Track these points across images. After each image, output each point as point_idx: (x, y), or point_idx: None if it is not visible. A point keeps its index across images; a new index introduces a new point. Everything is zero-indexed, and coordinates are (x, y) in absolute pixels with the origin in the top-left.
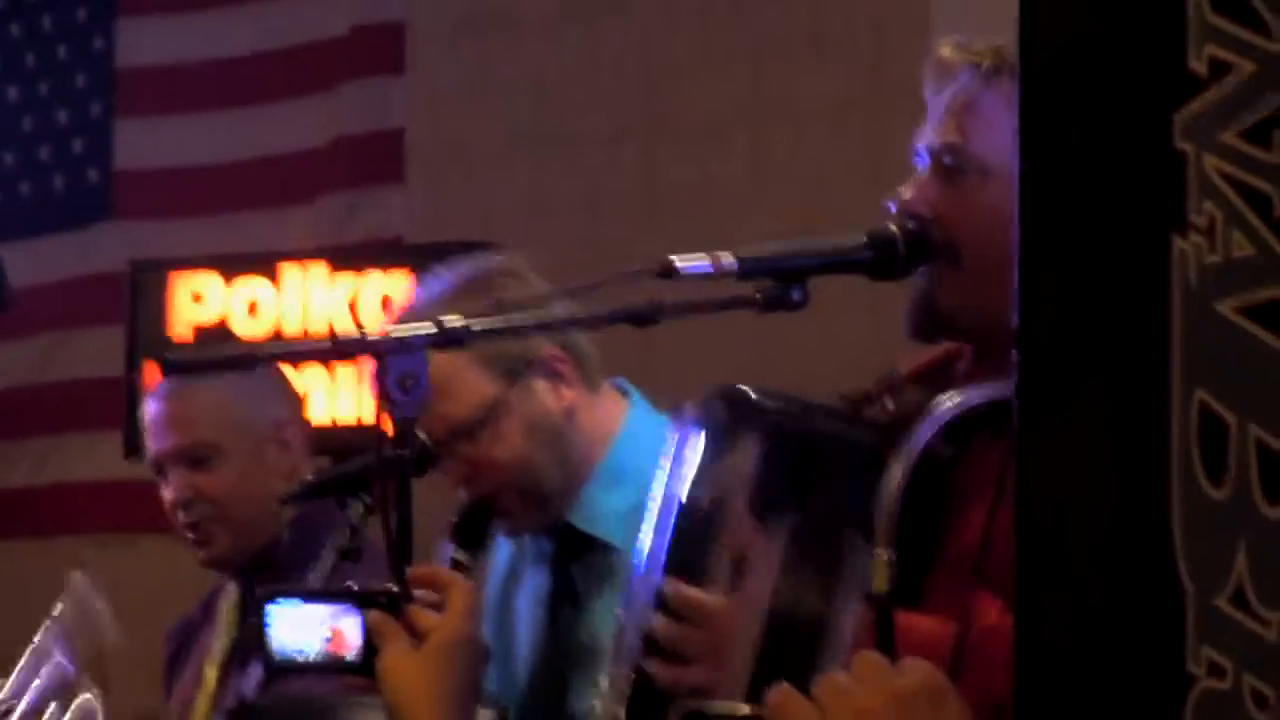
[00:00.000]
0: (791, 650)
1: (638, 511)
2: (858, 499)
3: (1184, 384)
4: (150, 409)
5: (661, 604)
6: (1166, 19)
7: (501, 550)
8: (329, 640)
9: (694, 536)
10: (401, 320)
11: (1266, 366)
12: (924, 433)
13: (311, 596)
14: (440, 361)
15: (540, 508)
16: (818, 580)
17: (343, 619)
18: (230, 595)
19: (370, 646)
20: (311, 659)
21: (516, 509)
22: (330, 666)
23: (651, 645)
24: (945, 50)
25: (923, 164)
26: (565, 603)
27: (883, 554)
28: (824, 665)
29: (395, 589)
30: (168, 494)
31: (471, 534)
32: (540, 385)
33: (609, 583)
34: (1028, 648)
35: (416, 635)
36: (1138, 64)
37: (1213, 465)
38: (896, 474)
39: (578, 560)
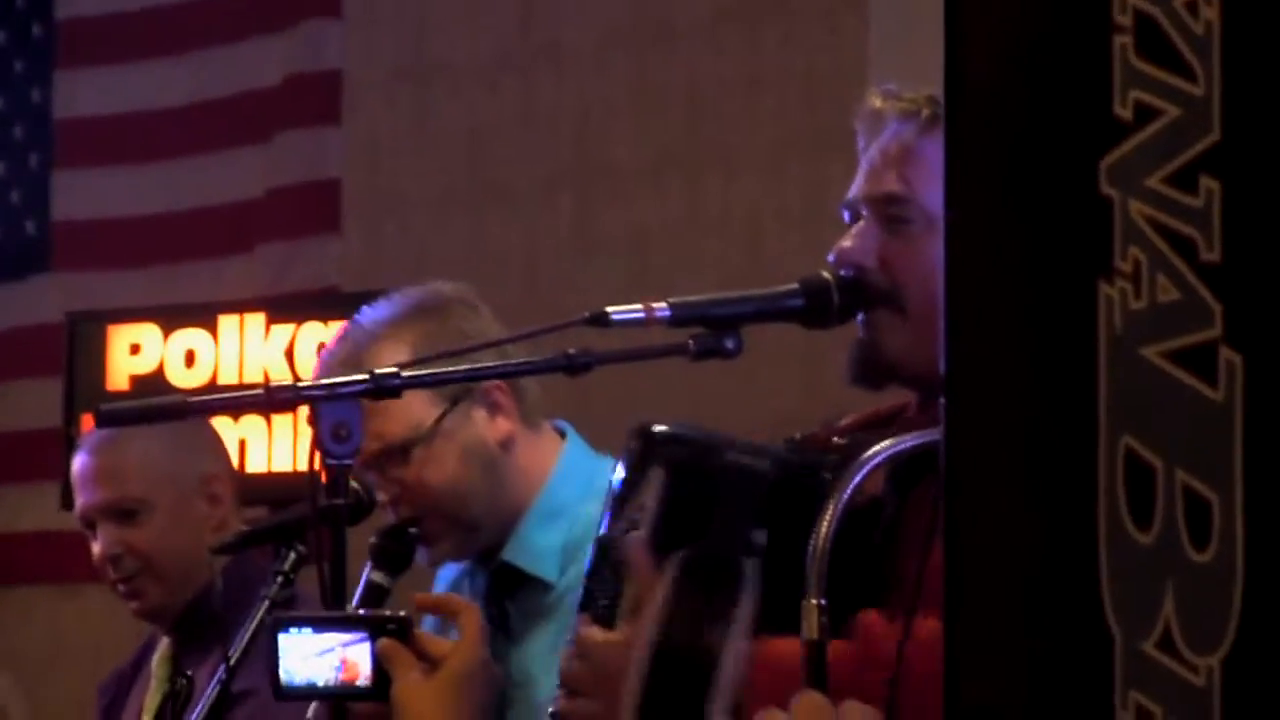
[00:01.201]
0: (677, 680)
1: (571, 548)
2: (757, 528)
3: (1110, 430)
4: (77, 463)
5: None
6: (1092, 65)
7: (440, 581)
8: (340, 669)
9: (606, 572)
10: (345, 341)
11: (1193, 411)
12: (853, 480)
13: (321, 624)
14: None
15: (466, 536)
16: (707, 610)
17: (353, 648)
18: (162, 648)
19: (381, 673)
20: (322, 687)
21: (441, 535)
22: (343, 694)
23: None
24: (877, 100)
25: (851, 217)
26: (499, 640)
27: (814, 602)
28: (712, 695)
29: (404, 615)
30: (96, 548)
31: (391, 557)
32: (478, 414)
33: (543, 619)
34: (955, 693)
35: (429, 662)
36: (1063, 110)
37: (1139, 510)
38: (826, 522)
39: (512, 598)
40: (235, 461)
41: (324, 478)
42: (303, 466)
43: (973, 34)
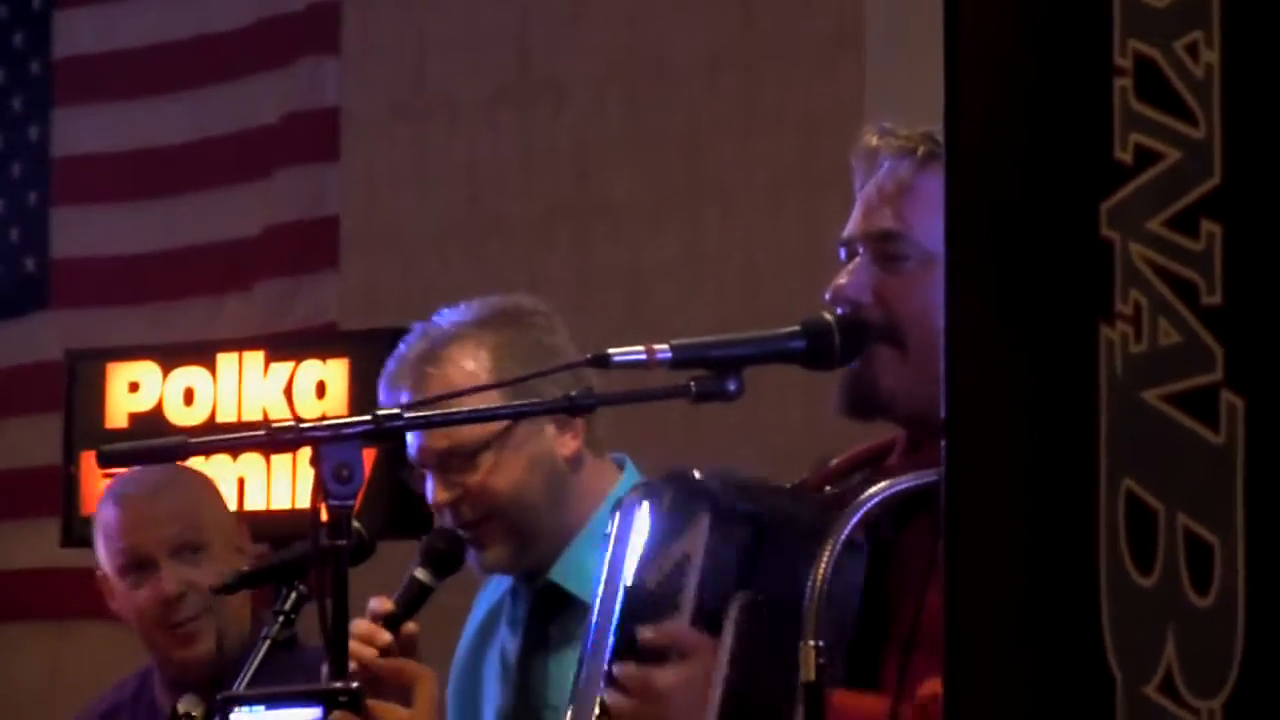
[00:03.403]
0: None
1: None
2: (806, 574)
3: (1111, 473)
4: (127, 505)
5: (612, 683)
6: (1093, 108)
7: (480, 605)
8: None
9: (642, 618)
10: (422, 339)
11: (1194, 455)
12: (849, 522)
13: (274, 701)
14: (457, 377)
15: (521, 547)
16: (774, 654)
17: None
18: (188, 703)
19: None
20: None
21: (497, 542)
22: None
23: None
24: (872, 138)
25: (848, 254)
26: (539, 660)
27: (810, 644)
28: None
29: (357, 686)
30: (152, 590)
31: (440, 558)
32: (549, 428)
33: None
34: None
35: None
36: (1064, 153)
37: (1141, 554)
38: (822, 565)
39: (554, 619)
40: (234, 500)
41: (325, 518)
42: (302, 504)
43: (972, 76)
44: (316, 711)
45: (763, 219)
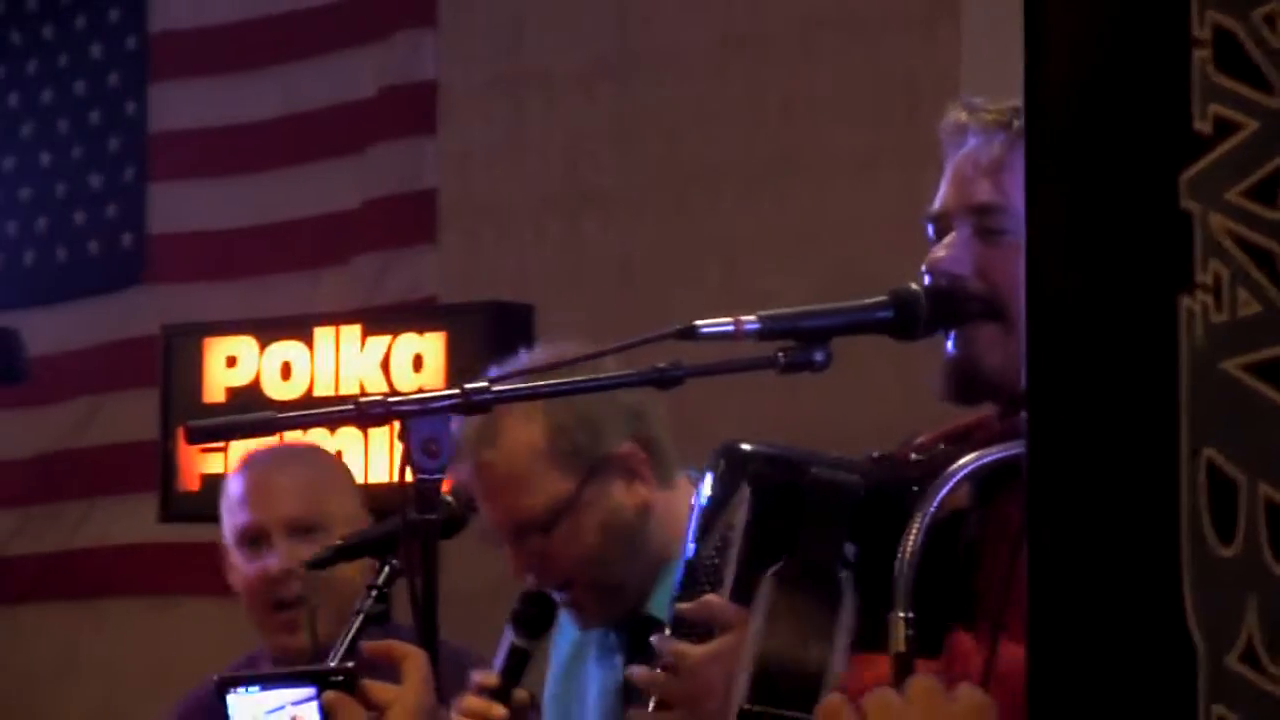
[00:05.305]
0: (783, 695)
1: None
2: (848, 543)
3: (1192, 443)
4: (254, 475)
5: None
6: (1171, 79)
7: (564, 637)
8: None
9: (696, 592)
10: (474, 419)
11: (1275, 424)
12: (939, 493)
13: (269, 682)
14: (516, 455)
15: (612, 602)
16: (807, 624)
17: (302, 706)
18: None
19: None
20: None
21: (587, 603)
22: None
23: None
24: (961, 114)
25: (937, 230)
26: (639, 693)
27: (900, 615)
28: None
29: (350, 665)
30: (258, 566)
31: (533, 621)
32: (616, 483)
33: None
34: (1040, 707)
35: (375, 710)
36: (1143, 125)
37: (1222, 524)
38: (913, 536)
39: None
40: None
41: (415, 493)
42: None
43: (1052, 49)
44: (310, 691)
45: (857, 189)
